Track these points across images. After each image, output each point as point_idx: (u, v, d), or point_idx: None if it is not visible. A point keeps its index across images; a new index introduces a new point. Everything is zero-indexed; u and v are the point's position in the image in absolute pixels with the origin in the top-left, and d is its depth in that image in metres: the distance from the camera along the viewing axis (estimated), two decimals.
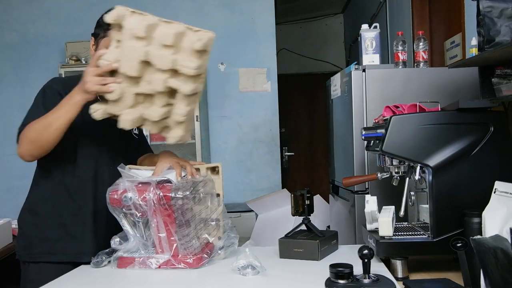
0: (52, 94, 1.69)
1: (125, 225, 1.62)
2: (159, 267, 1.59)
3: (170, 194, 1.54)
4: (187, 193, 1.54)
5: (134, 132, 1.93)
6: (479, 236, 1.18)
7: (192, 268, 1.58)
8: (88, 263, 1.65)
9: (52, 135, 1.59)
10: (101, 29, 1.75)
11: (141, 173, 1.69)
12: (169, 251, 1.59)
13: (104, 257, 1.63)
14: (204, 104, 4.11)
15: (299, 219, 1.78)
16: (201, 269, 1.59)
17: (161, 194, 1.55)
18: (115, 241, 1.63)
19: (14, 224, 2.85)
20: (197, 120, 3.85)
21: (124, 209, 1.59)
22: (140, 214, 1.58)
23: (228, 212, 1.74)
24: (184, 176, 1.65)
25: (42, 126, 1.58)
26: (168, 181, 1.59)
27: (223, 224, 1.69)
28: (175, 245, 1.58)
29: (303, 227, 1.78)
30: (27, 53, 4.33)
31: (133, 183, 1.59)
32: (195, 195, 1.57)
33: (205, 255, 1.61)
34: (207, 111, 4.25)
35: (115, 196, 1.57)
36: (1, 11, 4.34)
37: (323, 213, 2.92)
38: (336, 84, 2.53)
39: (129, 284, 1.52)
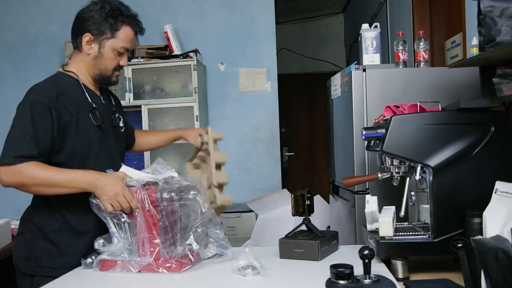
0: (42, 109, 1.61)
1: (112, 227, 1.59)
2: (140, 271, 1.55)
3: (155, 195, 1.52)
4: (173, 194, 1.52)
5: (121, 125, 1.92)
6: (479, 237, 1.18)
7: (174, 272, 1.53)
8: None
9: (48, 193, 1.61)
10: (108, 29, 1.71)
11: (138, 175, 1.66)
12: (151, 255, 1.55)
13: (94, 257, 1.61)
14: (204, 104, 4.10)
15: (299, 219, 1.78)
16: (201, 269, 1.58)
17: (146, 194, 1.53)
18: (98, 243, 1.61)
19: (14, 225, 2.85)
20: (197, 120, 3.84)
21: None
22: (127, 215, 1.56)
23: (228, 212, 1.72)
24: (172, 178, 1.62)
25: (46, 183, 1.57)
26: (155, 183, 1.57)
27: (211, 232, 1.64)
28: (157, 248, 1.55)
29: (303, 227, 1.78)
30: (27, 53, 4.33)
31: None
32: (181, 197, 1.54)
33: (188, 262, 1.56)
34: (207, 111, 4.24)
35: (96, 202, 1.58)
36: (1, 11, 4.34)
37: (323, 213, 2.91)
38: (336, 84, 2.52)
39: (130, 285, 1.51)
